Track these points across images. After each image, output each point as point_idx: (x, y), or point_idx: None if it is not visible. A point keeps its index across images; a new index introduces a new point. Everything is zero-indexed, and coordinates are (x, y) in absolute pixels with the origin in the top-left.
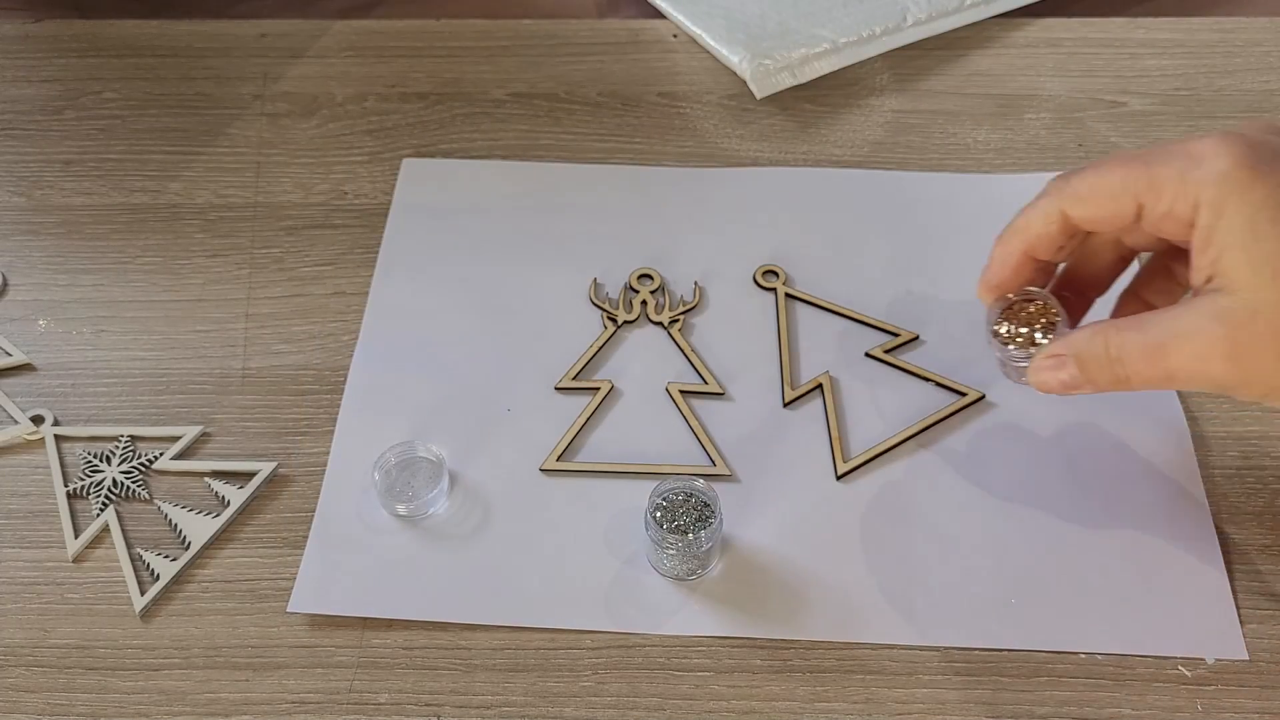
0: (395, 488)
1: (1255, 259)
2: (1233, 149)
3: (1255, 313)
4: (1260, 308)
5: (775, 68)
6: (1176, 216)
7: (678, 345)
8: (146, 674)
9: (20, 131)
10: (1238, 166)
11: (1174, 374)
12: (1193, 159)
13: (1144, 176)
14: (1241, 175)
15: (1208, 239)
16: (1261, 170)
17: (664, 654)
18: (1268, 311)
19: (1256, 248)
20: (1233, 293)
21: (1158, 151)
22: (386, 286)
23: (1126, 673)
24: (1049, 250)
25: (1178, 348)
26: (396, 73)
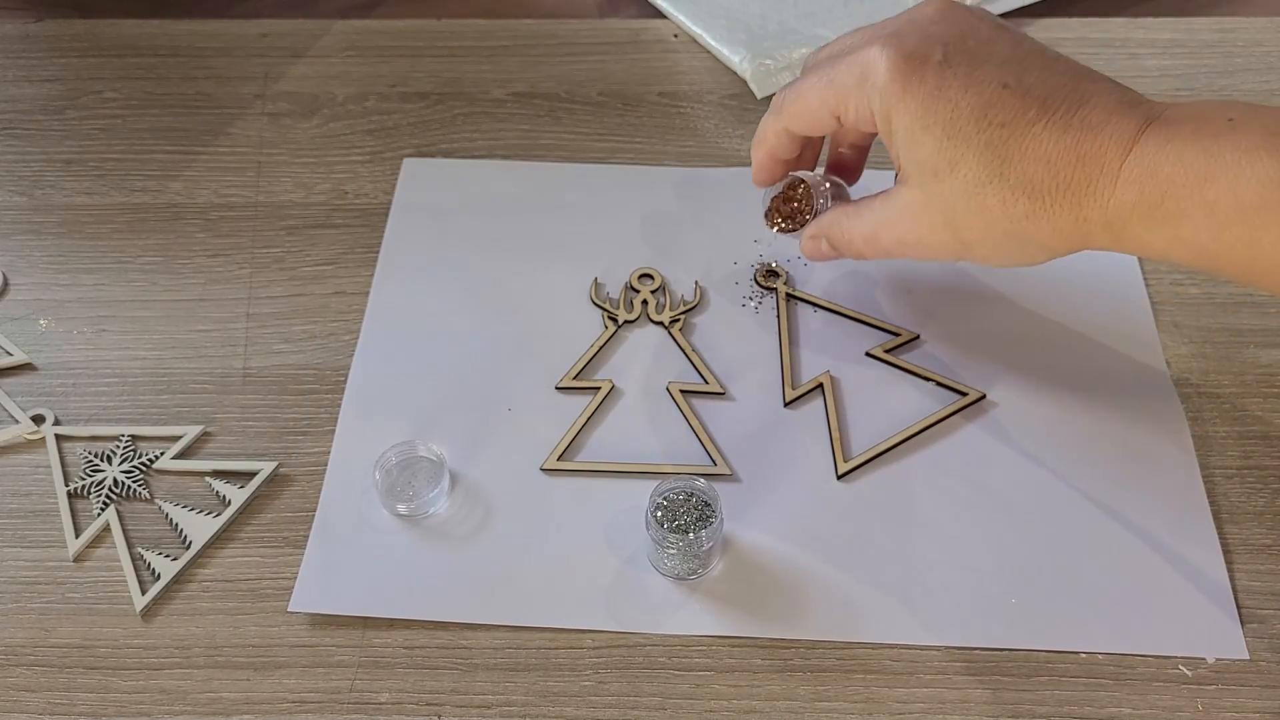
0: (396, 487)
1: (916, 160)
2: (890, 61)
3: (928, 200)
4: (929, 198)
5: (776, 67)
6: (865, 119)
7: (678, 345)
8: (147, 673)
9: (21, 131)
10: (892, 80)
11: (888, 250)
12: (863, 72)
13: (831, 94)
14: (896, 88)
15: (889, 139)
16: (913, 80)
17: (665, 653)
18: (936, 199)
19: (915, 151)
20: (910, 186)
21: (840, 64)
22: (387, 286)
23: (1127, 672)
24: (790, 152)
25: (885, 233)
26: (397, 72)
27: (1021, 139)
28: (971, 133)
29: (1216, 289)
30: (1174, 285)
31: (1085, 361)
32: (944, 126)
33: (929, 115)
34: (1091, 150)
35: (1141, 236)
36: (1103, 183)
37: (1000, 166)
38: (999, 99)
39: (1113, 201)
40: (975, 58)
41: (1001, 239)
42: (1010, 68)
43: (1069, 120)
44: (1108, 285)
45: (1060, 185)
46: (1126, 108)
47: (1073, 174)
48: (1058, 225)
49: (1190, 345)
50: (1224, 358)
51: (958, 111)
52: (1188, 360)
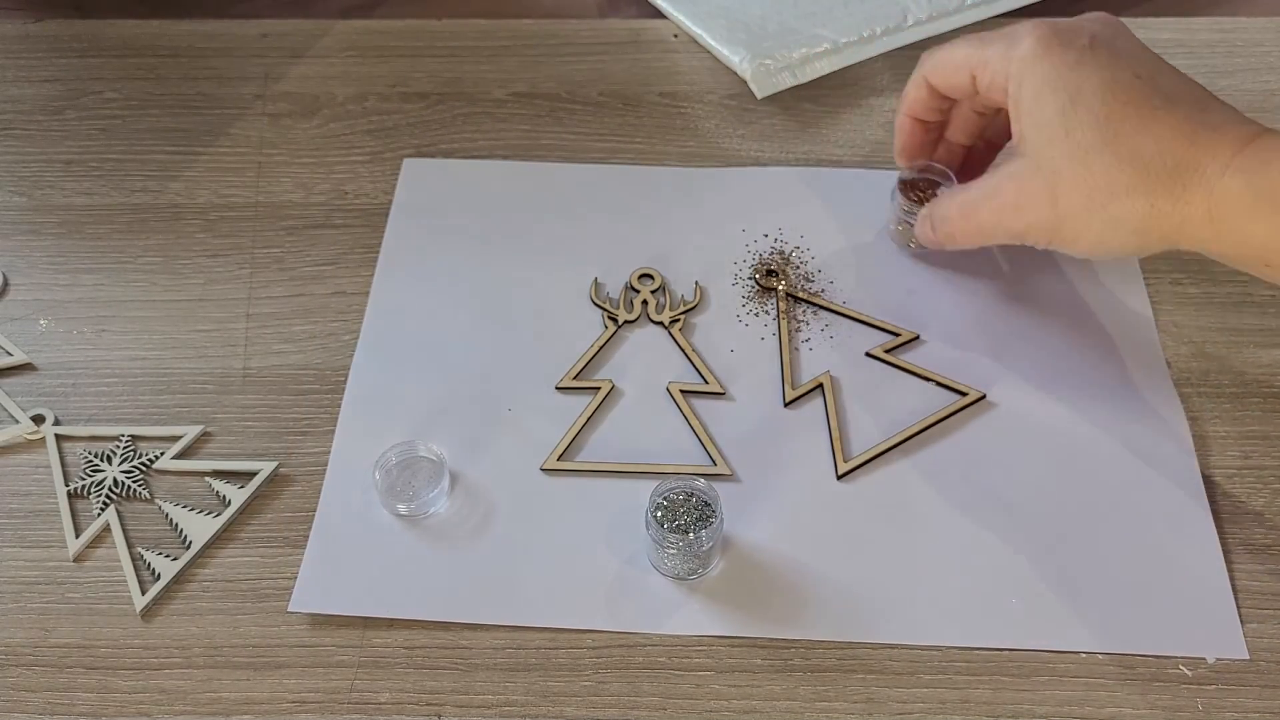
0: (396, 487)
1: (1038, 122)
2: (1037, 32)
3: (1037, 168)
4: (1040, 163)
5: (776, 67)
6: (998, 86)
7: (678, 345)
8: (147, 673)
9: (21, 131)
10: (1035, 45)
11: (981, 225)
12: (1013, 39)
13: (977, 53)
14: (1035, 52)
15: (1015, 105)
16: (1054, 49)
17: (665, 653)
18: (1045, 166)
19: (1039, 113)
20: (1023, 153)
21: (994, 33)
22: (387, 286)
23: (1127, 672)
24: (926, 111)
25: (983, 204)
26: (397, 73)
27: (1140, 118)
28: (1095, 103)
29: (1216, 289)
30: (1174, 285)
31: (1085, 362)
32: (1071, 94)
33: (1059, 80)
34: (1206, 140)
35: (1244, 227)
36: (1211, 169)
37: (1113, 136)
38: (1129, 83)
39: (1218, 187)
40: (1116, 50)
41: (1097, 214)
42: (1145, 65)
43: (1189, 115)
44: (1108, 286)
45: (1168, 164)
46: (1244, 120)
47: (1183, 155)
48: (1157, 206)
49: (1190, 345)
50: (1224, 358)
51: (1087, 85)
52: (1188, 360)
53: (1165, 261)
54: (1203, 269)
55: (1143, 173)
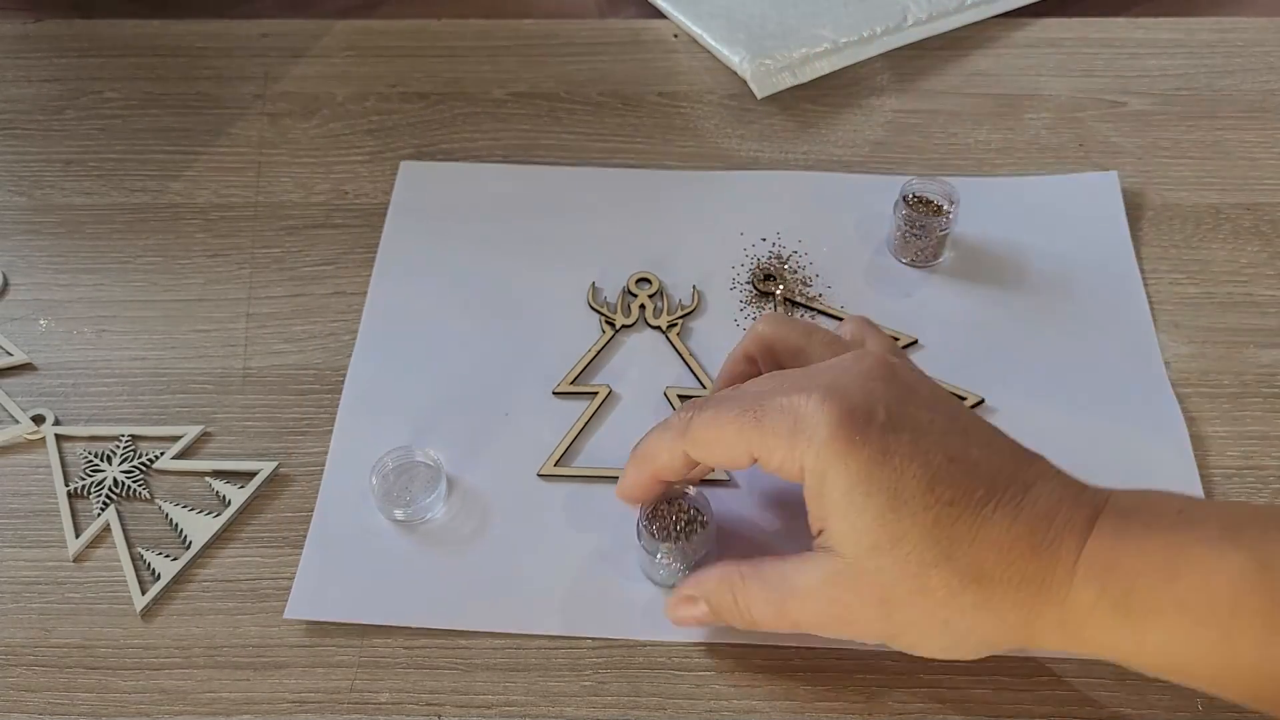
0: (393, 492)
1: (855, 528)
2: (831, 416)
3: (859, 573)
4: (863, 571)
5: (776, 67)
6: (788, 473)
7: (676, 349)
8: (147, 673)
9: (21, 131)
10: (833, 438)
11: (798, 624)
12: (798, 423)
13: (755, 435)
14: (838, 446)
15: (815, 500)
16: (856, 441)
17: (665, 654)
18: (870, 574)
19: (855, 518)
20: (838, 556)
21: (768, 405)
22: (384, 290)
23: (1127, 672)
24: (678, 476)
25: (798, 606)
26: (397, 72)
27: (971, 522)
28: (918, 507)
29: (1216, 288)
30: (1174, 285)
31: (1083, 365)
32: (888, 496)
33: (872, 482)
34: (1045, 540)
35: (1100, 638)
36: (1059, 576)
37: (949, 548)
38: (946, 473)
39: (1069, 599)
40: (919, 424)
41: (939, 627)
42: (954, 439)
43: (1019, 506)
44: (1106, 288)
45: (1013, 576)
46: (1073, 494)
47: (1027, 565)
48: (1005, 619)
49: (1190, 345)
50: (1224, 358)
51: (903, 481)
52: (1187, 360)
53: (1165, 262)
54: (1203, 269)
55: (988, 588)
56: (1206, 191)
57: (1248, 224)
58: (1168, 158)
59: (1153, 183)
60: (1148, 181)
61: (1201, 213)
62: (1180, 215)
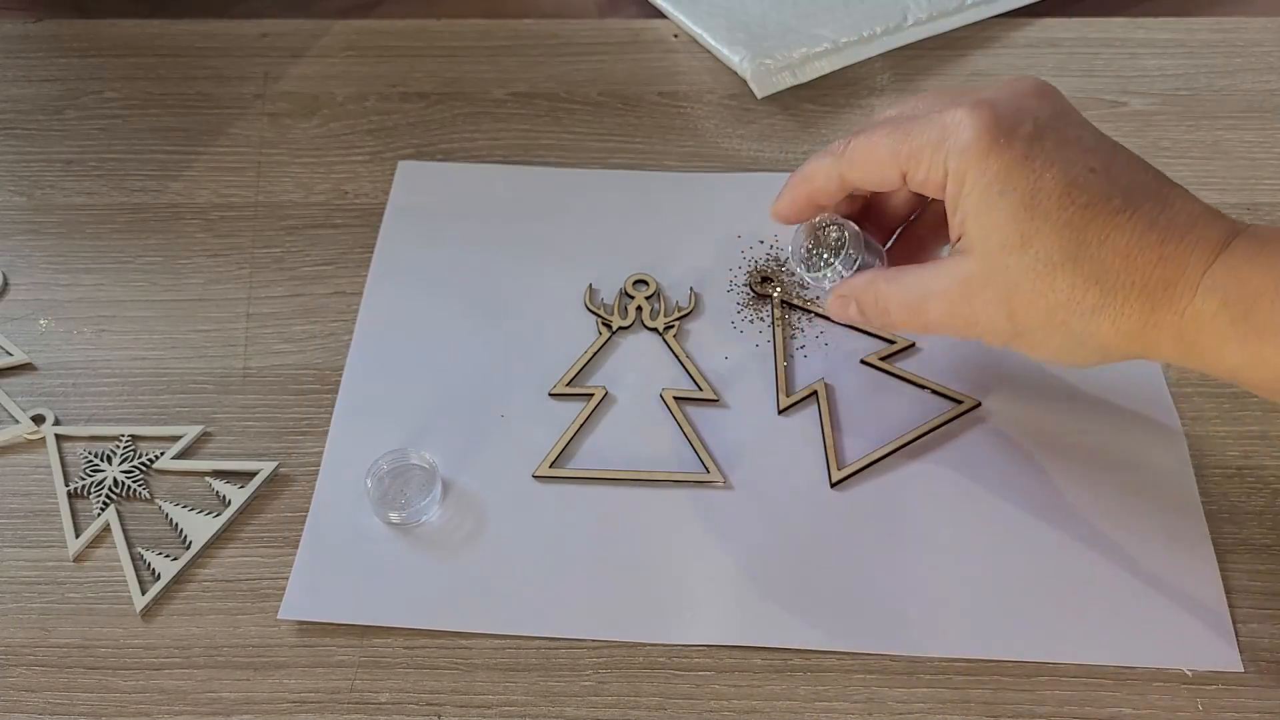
0: (388, 495)
1: (985, 227)
2: (977, 121)
3: (989, 277)
4: (993, 271)
5: (776, 67)
6: (933, 182)
7: (672, 352)
8: (147, 673)
9: (21, 131)
10: (978, 139)
11: (929, 323)
12: (945, 129)
13: (905, 147)
14: (981, 148)
15: (954, 204)
16: (999, 144)
17: (665, 654)
18: (998, 276)
19: (987, 217)
20: (971, 256)
21: (920, 120)
22: (380, 291)
23: (1127, 672)
24: (832, 202)
25: (931, 305)
26: (397, 72)
27: (1103, 226)
28: (1052, 209)
29: None
30: None
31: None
32: (1023, 197)
33: (1009, 181)
34: (1175, 252)
35: (1217, 349)
36: (1182, 288)
37: (1076, 250)
38: (1085, 180)
39: (1190, 310)
40: (1065, 138)
41: (1059, 330)
42: (1098, 155)
43: (1154, 218)
44: None
45: (1136, 282)
46: (1211, 217)
47: (1151, 273)
48: (1123, 326)
49: None
50: None
51: (1041, 184)
52: None
53: None
54: None
55: (1109, 293)
56: (1206, 191)
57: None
58: (1168, 158)
59: None
60: None
61: None
62: None
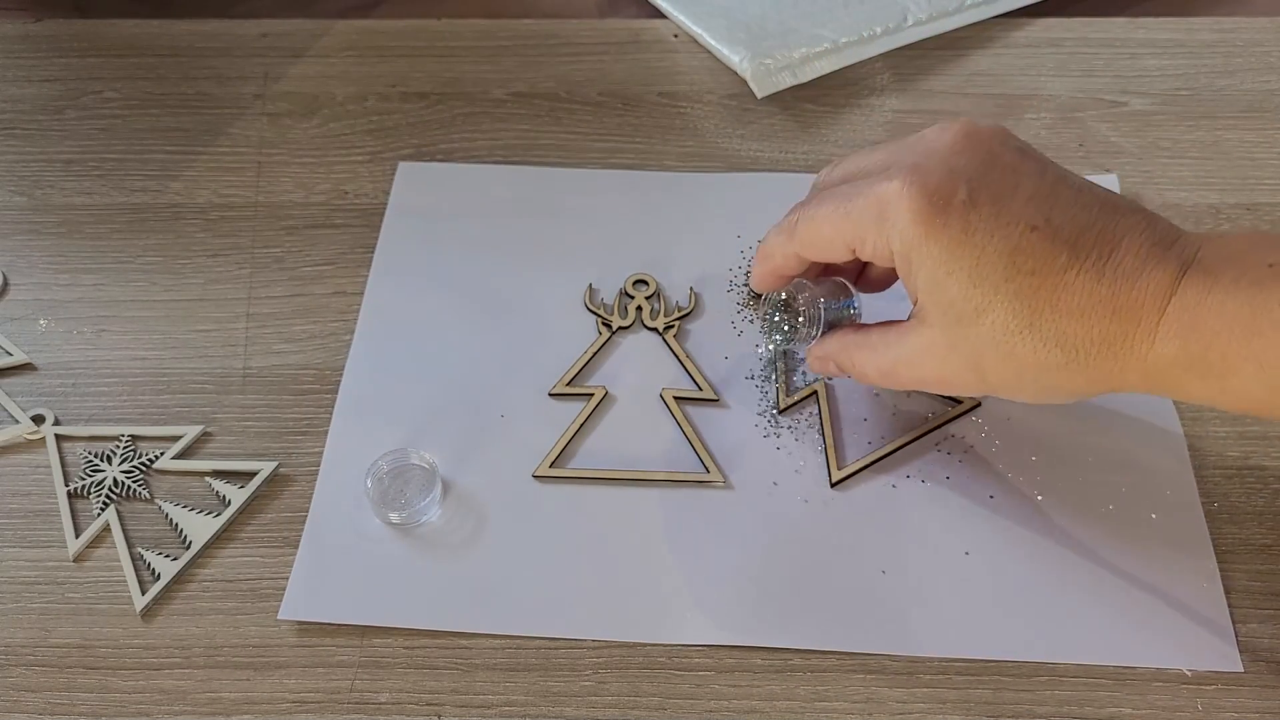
0: (388, 495)
1: (940, 304)
2: (912, 200)
3: (952, 345)
4: (954, 341)
5: (776, 67)
6: (881, 258)
7: (672, 351)
8: (147, 673)
9: (21, 131)
10: (914, 222)
11: (905, 385)
12: (882, 209)
13: (847, 227)
14: (919, 232)
15: (906, 279)
16: (936, 224)
17: (665, 654)
18: (961, 344)
19: (939, 295)
20: (931, 326)
21: (857, 198)
22: (381, 291)
23: (1127, 672)
24: (797, 271)
25: (902, 370)
26: (397, 72)
27: (1053, 289)
28: (999, 280)
29: None
30: None
31: None
32: (969, 272)
33: (954, 261)
34: (1127, 303)
35: (1185, 386)
36: (1139, 336)
37: (1031, 317)
38: (1027, 243)
39: (1151, 355)
40: (1000, 195)
41: (1031, 384)
42: (1037, 205)
43: (1101, 269)
44: None
45: (1095, 339)
46: (1160, 251)
47: (1108, 328)
48: (1091, 376)
49: None
50: None
51: (984, 257)
52: None
53: None
54: None
55: (1071, 351)
56: (1206, 191)
57: (1248, 224)
58: (1168, 158)
59: (1153, 182)
60: (1148, 181)
61: (1201, 213)
62: (1180, 215)
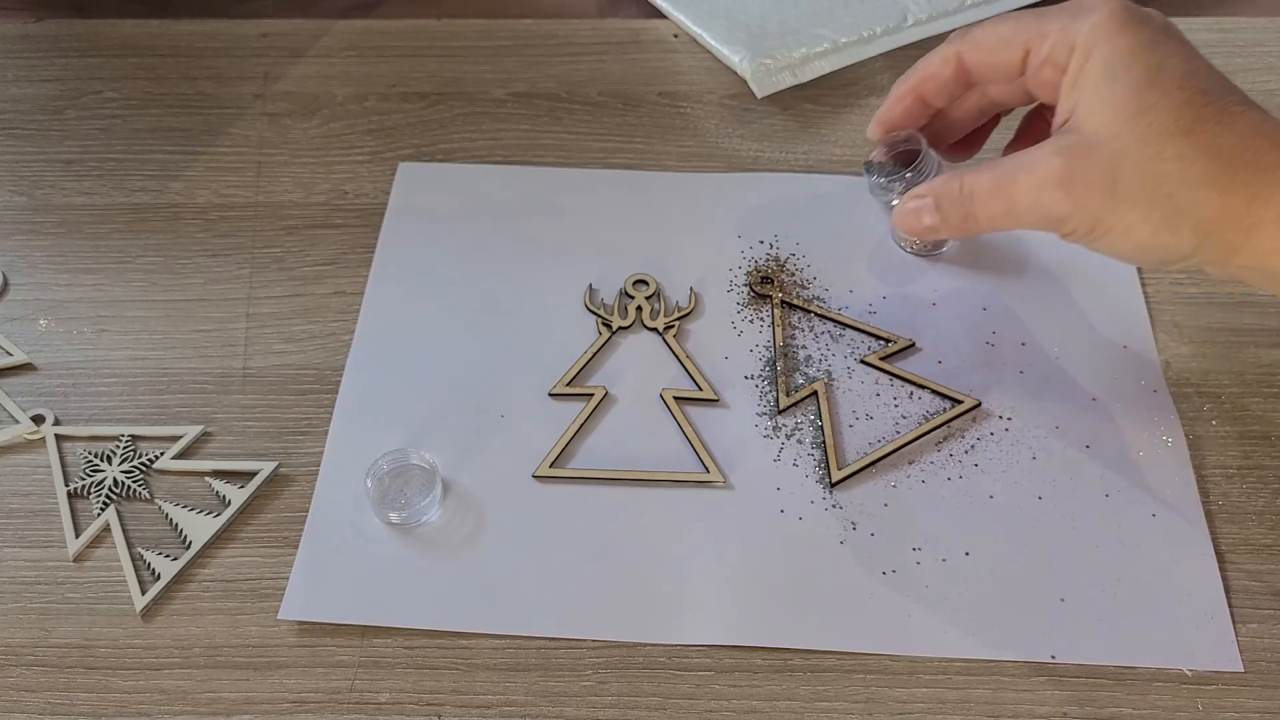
0: (388, 495)
1: (1105, 97)
2: (1113, 5)
3: (1094, 146)
4: (1100, 141)
5: (776, 67)
6: (1055, 62)
7: (672, 351)
8: (147, 673)
9: (21, 131)
10: (1111, 17)
11: (1015, 204)
12: (1079, 10)
13: (1034, 25)
14: (1112, 24)
15: (1074, 80)
16: (1131, 22)
17: (665, 654)
18: (1105, 145)
19: (1109, 87)
20: (1080, 130)
21: (1053, 8)
22: (381, 291)
23: (1127, 672)
24: (939, 94)
25: (1020, 179)
26: (397, 72)
27: (1220, 110)
28: (1173, 87)
29: (1216, 289)
30: (1174, 285)
31: (1080, 369)
32: (1148, 71)
33: (1136, 57)
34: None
35: None
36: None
37: (1191, 124)
38: (1206, 72)
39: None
40: (1187, 43)
41: (1161, 204)
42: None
43: (1266, 116)
44: (1103, 292)
45: (1249, 161)
46: None
47: (1266, 155)
48: (1229, 202)
49: (1190, 345)
50: (1224, 357)
51: (1166, 65)
52: (1188, 360)
53: None
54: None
55: (1222, 165)
56: None
57: None
58: None
59: None
60: None
61: None
62: None
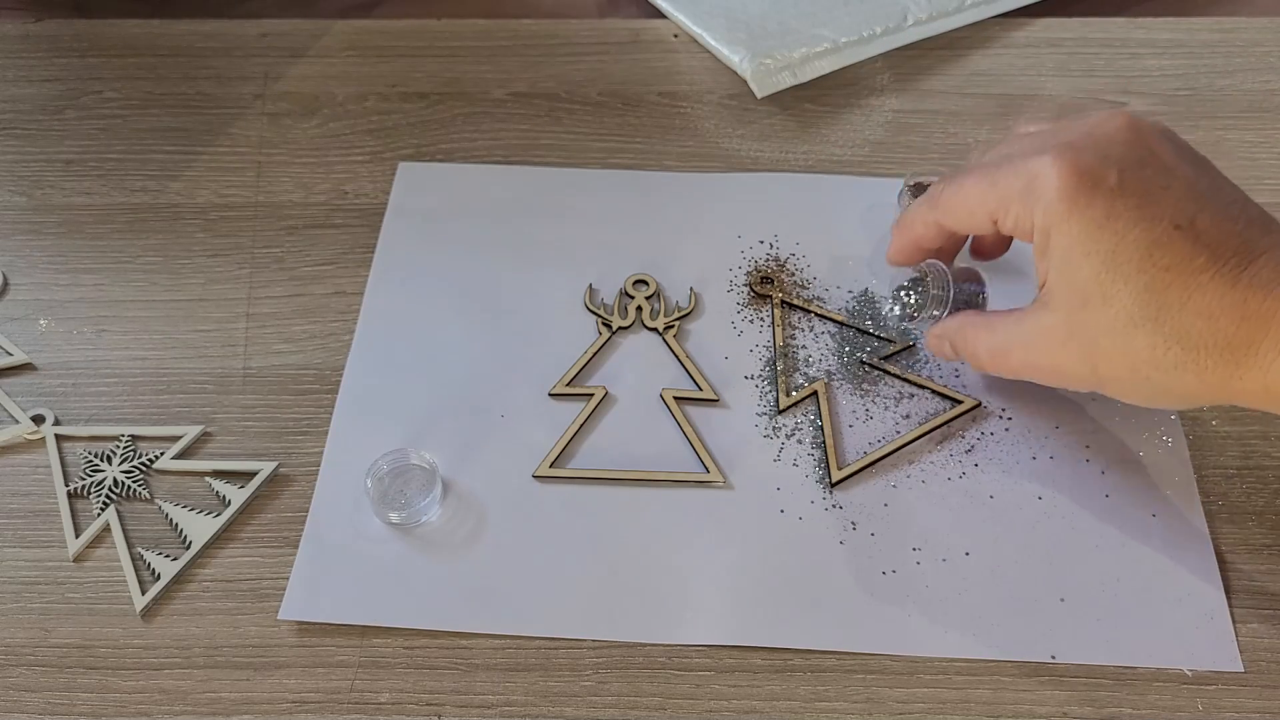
0: (388, 495)
1: (1068, 285)
2: (1061, 175)
3: (1071, 333)
4: (1075, 327)
5: (776, 67)
6: (1022, 231)
7: (672, 351)
8: (147, 673)
9: (21, 131)
10: (1060, 198)
11: (1014, 370)
12: (1030, 180)
13: (993, 196)
14: (1063, 207)
15: (1040, 255)
16: (1080, 203)
17: (665, 654)
18: (1080, 331)
19: (1070, 275)
20: (1054, 310)
21: (1006, 168)
22: (381, 291)
23: (1127, 672)
24: (934, 244)
25: (1015, 353)
26: (397, 72)
27: (1184, 288)
28: (1133, 270)
29: None
30: None
31: None
32: (1105, 257)
33: (1091, 242)
34: (1258, 310)
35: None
36: (1266, 345)
37: (1157, 311)
38: (1167, 240)
39: (1275, 365)
40: (1150, 189)
41: (1142, 383)
42: (1185, 206)
43: (1237, 275)
44: None
45: (1219, 342)
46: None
47: (1234, 332)
48: (1206, 381)
49: None
50: None
51: (1122, 245)
52: None
53: None
54: None
55: (1191, 351)
56: None
57: None
58: None
59: None
60: None
61: None
62: None
